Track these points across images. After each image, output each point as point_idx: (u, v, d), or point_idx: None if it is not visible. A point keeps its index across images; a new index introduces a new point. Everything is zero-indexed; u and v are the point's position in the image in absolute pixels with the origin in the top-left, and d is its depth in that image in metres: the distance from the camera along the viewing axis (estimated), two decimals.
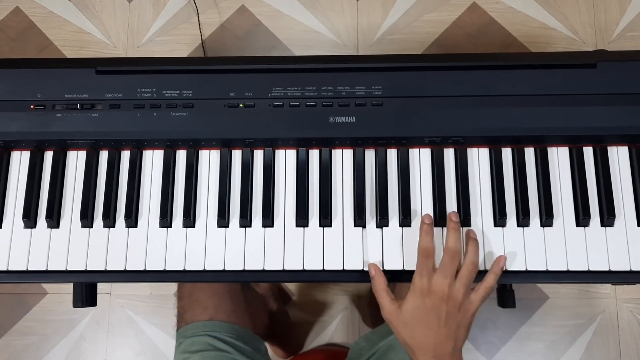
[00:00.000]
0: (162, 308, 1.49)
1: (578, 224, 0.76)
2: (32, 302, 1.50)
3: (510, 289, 1.10)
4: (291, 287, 1.51)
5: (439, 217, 0.76)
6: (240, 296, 1.01)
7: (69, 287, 1.45)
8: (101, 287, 1.50)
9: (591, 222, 0.76)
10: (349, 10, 1.60)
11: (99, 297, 1.46)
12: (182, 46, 1.61)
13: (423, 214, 0.77)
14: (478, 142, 0.79)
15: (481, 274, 0.73)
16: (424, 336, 0.69)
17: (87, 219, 0.76)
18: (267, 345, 1.08)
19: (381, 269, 0.75)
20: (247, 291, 1.12)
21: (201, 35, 1.57)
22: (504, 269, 0.74)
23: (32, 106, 0.76)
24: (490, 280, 0.72)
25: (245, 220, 0.76)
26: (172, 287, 1.49)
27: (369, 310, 1.46)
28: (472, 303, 0.71)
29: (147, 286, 1.50)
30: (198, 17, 1.56)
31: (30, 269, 0.76)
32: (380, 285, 0.73)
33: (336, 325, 1.48)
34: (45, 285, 1.51)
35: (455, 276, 0.71)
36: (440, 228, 0.77)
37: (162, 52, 1.61)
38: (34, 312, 1.50)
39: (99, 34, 1.62)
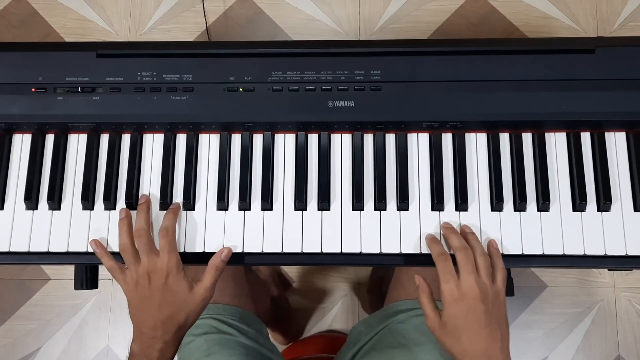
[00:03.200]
0: None
1: (575, 209, 0.77)
2: (34, 288, 1.52)
3: (509, 276, 1.11)
4: (292, 274, 1.52)
5: (437, 202, 0.77)
6: (243, 280, 1.02)
7: (71, 273, 1.46)
8: (103, 273, 1.50)
9: (588, 207, 0.77)
10: None
11: (101, 283, 1.49)
12: (184, 34, 1.61)
13: (421, 198, 0.77)
14: (476, 127, 0.79)
15: None
16: (469, 344, 0.67)
17: (88, 201, 0.77)
18: (267, 330, 1.09)
19: (380, 251, 0.76)
20: (249, 275, 1.13)
21: (206, 22, 1.57)
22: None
23: (33, 89, 0.77)
24: (499, 263, 0.72)
25: (245, 204, 0.77)
26: None
27: (369, 297, 1.47)
28: (499, 292, 0.70)
29: None
30: (203, 4, 1.56)
31: (31, 250, 0.77)
32: (425, 294, 0.71)
33: (336, 312, 1.49)
34: (47, 271, 1.52)
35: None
36: (438, 212, 0.77)
37: (165, 40, 1.61)
38: (36, 297, 1.51)
39: (101, 22, 1.62)
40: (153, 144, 0.80)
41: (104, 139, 0.80)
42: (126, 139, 0.80)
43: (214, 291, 0.75)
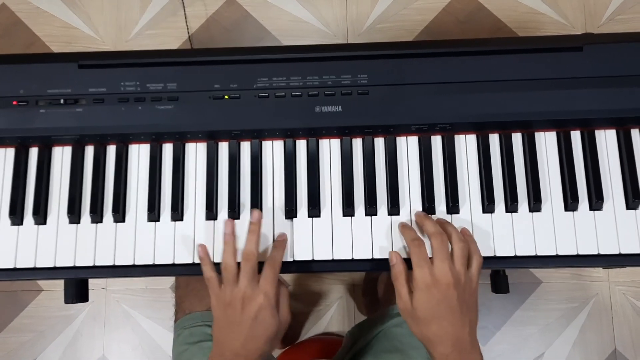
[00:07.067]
0: (157, 302, 1.49)
1: (567, 209, 0.76)
2: (27, 299, 1.50)
3: (504, 274, 1.10)
4: (286, 277, 1.51)
5: (428, 205, 0.76)
6: None
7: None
8: (97, 283, 1.50)
9: (580, 206, 0.76)
10: None
11: (94, 292, 1.48)
12: (171, 39, 1.60)
13: (412, 202, 0.77)
14: (465, 129, 0.78)
15: None
16: (439, 328, 0.67)
17: (74, 215, 0.76)
18: None
19: (372, 257, 0.75)
20: None
21: (187, 29, 1.56)
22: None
23: (14, 102, 0.76)
24: (476, 249, 0.71)
25: (234, 213, 0.76)
26: (167, 281, 1.50)
27: (364, 299, 1.46)
28: (472, 279, 0.70)
29: (142, 280, 1.51)
30: (184, 9, 1.55)
31: (18, 266, 0.75)
32: (399, 275, 0.71)
33: (332, 315, 1.48)
34: (40, 282, 1.51)
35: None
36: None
37: (151, 45, 1.60)
38: (29, 309, 1.50)
39: (86, 29, 1.60)
40: (139, 154, 0.79)
41: (89, 151, 0.79)
42: (111, 150, 0.79)
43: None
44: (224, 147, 0.79)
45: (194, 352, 0.87)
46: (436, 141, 0.79)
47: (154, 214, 0.76)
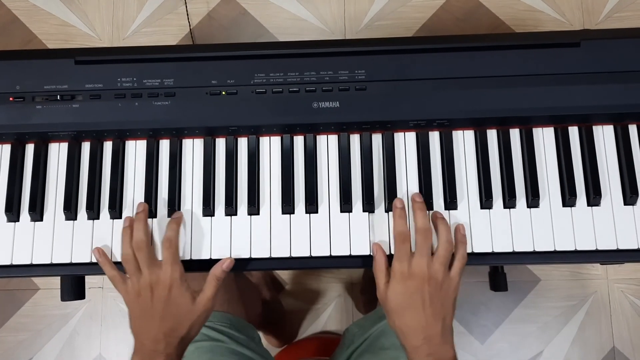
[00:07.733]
0: None
1: (564, 204, 0.76)
2: (23, 298, 1.50)
3: (502, 272, 1.10)
4: (284, 275, 1.51)
5: (425, 201, 0.76)
6: (232, 285, 1.01)
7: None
8: (93, 281, 1.49)
9: (577, 202, 0.76)
10: None
11: (91, 291, 1.47)
12: (168, 37, 1.59)
13: (410, 198, 0.76)
14: (463, 125, 0.78)
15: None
16: (411, 320, 0.69)
17: (70, 211, 0.76)
18: (261, 334, 1.08)
19: (369, 253, 0.75)
20: (239, 280, 1.12)
21: (189, 25, 1.56)
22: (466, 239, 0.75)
23: (11, 98, 0.75)
24: (462, 251, 0.72)
25: (231, 209, 0.76)
26: None
27: (362, 297, 1.46)
28: (453, 279, 0.71)
29: None
30: (186, 6, 1.54)
31: (14, 263, 0.75)
32: (379, 266, 0.72)
33: (330, 313, 1.48)
34: (36, 281, 1.50)
35: (431, 255, 0.70)
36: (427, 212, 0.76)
37: (149, 43, 1.59)
38: (25, 308, 1.49)
39: (83, 27, 1.60)
40: (136, 150, 0.79)
41: (85, 147, 0.79)
42: (108, 146, 0.79)
43: (216, 300, 0.74)
44: (221, 143, 0.79)
45: (189, 352, 0.86)
46: (434, 137, 0.79)
47: (150, 210, 0.76)
